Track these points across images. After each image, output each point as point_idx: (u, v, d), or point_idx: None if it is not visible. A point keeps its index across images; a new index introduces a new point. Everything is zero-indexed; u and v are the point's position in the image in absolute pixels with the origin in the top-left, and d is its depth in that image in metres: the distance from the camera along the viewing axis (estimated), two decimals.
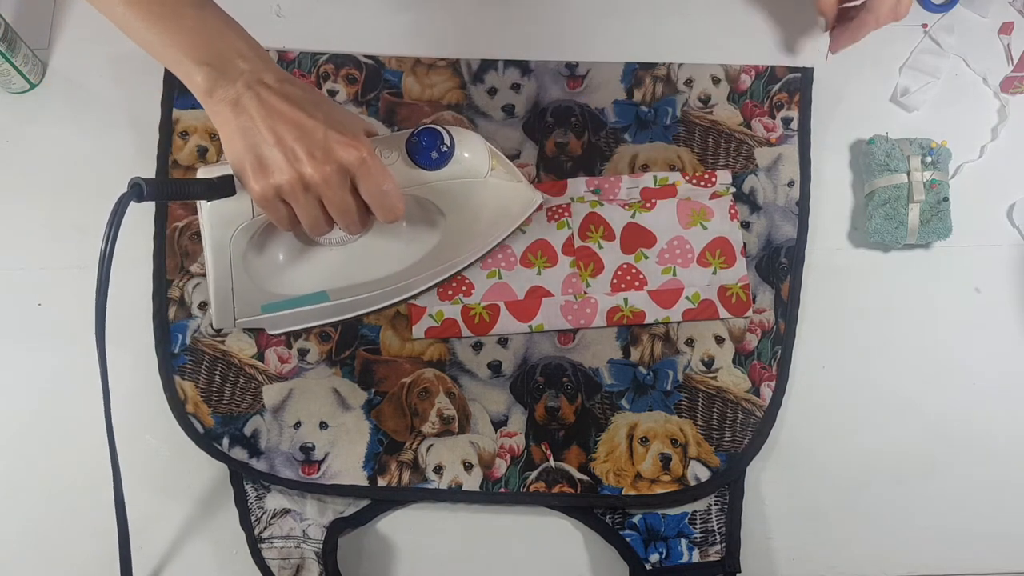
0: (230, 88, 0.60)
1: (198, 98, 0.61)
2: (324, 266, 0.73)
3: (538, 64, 0.84)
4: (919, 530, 0.75)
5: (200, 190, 0.62)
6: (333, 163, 0.59)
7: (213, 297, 0.71)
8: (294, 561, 0.71)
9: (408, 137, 0.65)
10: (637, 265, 0.78)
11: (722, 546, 0.73)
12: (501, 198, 0.72)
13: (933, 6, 0.87)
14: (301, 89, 0.61)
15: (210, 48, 0.61)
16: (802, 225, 0.80)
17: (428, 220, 0.72)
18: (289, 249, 0.72)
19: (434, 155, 0.64)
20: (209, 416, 0.75)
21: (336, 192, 0.61)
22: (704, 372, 0.77)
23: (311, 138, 0.59)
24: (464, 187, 0.68)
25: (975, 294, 0.80)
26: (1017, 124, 0.83)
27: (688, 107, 0.83)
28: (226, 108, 0.60)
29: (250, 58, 0.61)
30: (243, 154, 0.60)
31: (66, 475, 0.75)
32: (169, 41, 0.61)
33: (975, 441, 0.76)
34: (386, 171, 0.62)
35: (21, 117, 0.83)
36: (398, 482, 0.74)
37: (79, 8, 0.86)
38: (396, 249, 0.73)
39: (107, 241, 0.58)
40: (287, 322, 0.75)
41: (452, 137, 0.65)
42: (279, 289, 0.72)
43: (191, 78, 0.61)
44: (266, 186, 0.60)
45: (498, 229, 0.75)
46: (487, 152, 0.68)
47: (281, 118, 0.59)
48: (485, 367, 0.77)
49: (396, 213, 0.63)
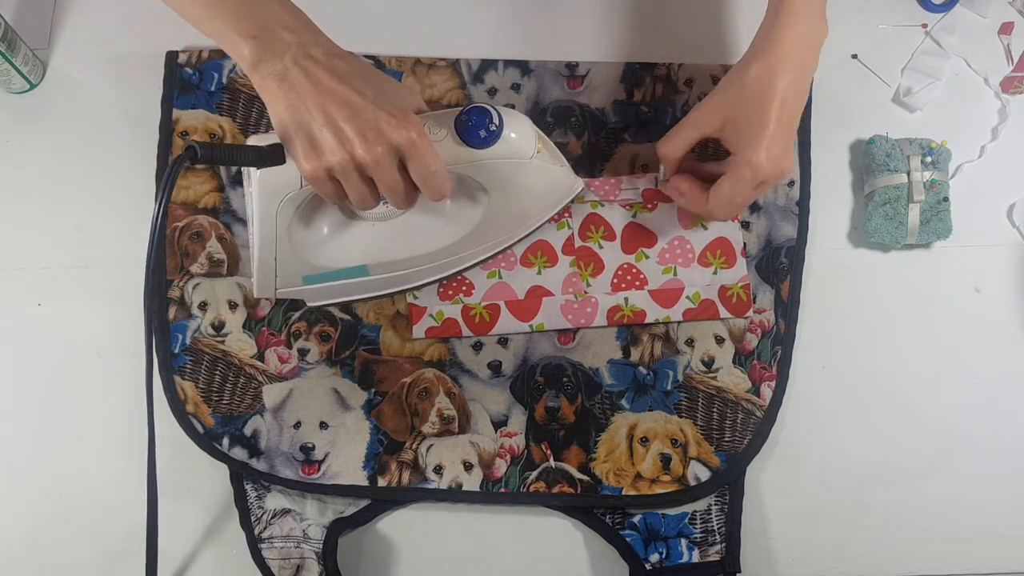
0: (277, 62, 0.59)
1: (245, 71, 0.61)
2: (366, 240, 0.73)
3: (538, 64, 0.84)
4: (919, 530, 0.75)
5: (251, 157, 0.62)
6: (383, 144, 0.59)
7: (256, 265, 0.71)
8: (294, 561, 0.71)
9: (457, 115, 0.65)
10: (638, 265, 0.78)
11: (722, 546, 0.73)
12: (544, 181, 0.72)
13: (933, 6, 0.87)
14: (349, 63, 0.61)
15: (256, 21, 0.60)
16: (802, 225, 0.80)
17: (471, 199, 0.72)
18: (333, 221, 0.72)
19: (482, 133, 0.64)
20: (209, 416, 0.75)
21: (386, 172, 0.61)
22: (704, 372, 0.77)
23: (361, 118, 0.59)
24: (509, 167, 0.68)
25: (975, 294, 0.80)
26: (1017, 124, 0.83)
27: (688, 107, 0.83)
28: (273, 82, 0.60)
29: (296, 30, 0.61)
30: (293, 132, 0.60)
31: (66, 475, 0.75)
32: (215, 14, 0.61)
33: (975, 441, 0.76)
34: (435, 151, 0.61)
35: (21, 117, 0.83)
36: (398, 482, 0.74)
37: (79, 8, 0.86)
38: (438, 227, 0.73)
39: (160, 203, 0.57)
40: (326, 294, 0.75)
41: (501, 116, 0.65)
42: (321, 261, 0.72)
43: (237, 51, 0.61)
44: (317, 166, 0.60)
45: (539, 212, 0.75)
46: (534, 134, 0.68)
47: (330, 96, 0.59)
48: (485, 367, 0.77)
49: (443, 192, 0.63)
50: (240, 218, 0.79)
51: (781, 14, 0.69)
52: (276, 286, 0.73)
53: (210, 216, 0.79)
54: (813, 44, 0.70)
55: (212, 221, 0.79)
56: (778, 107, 0.68)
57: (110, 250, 0.79)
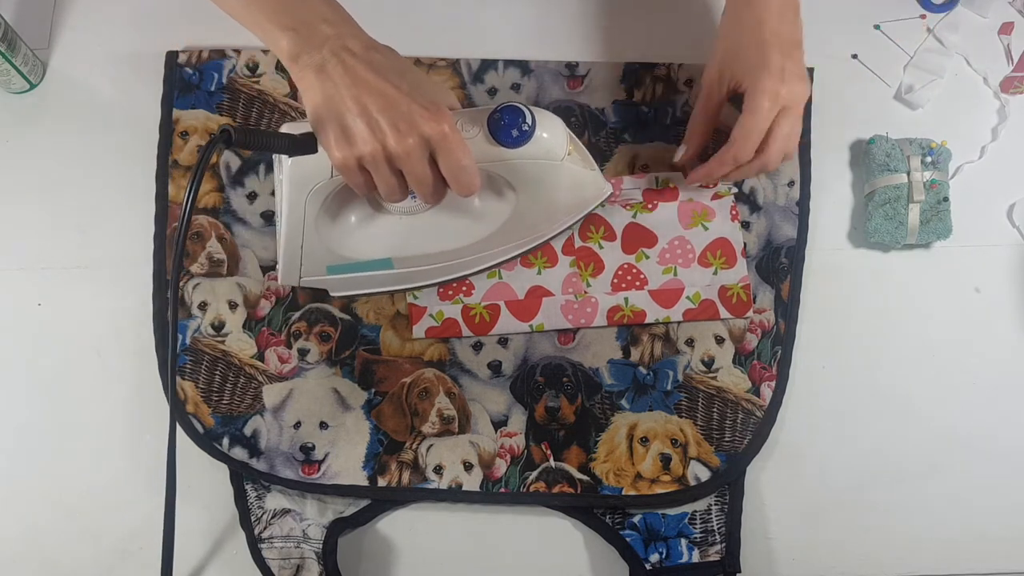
0: (315, 54, 0.60)
1: (283, 63, 0.62)
2: (392, 234, 0.73)
3: (538, 64, 0.84)
4: (919, 530, 0.75)
5: (284, 144, 0.62)
6: (415, 136, 0.60)
7: (283, 252, 0.71)
8: (294, 561, 0.71)
9: (490, 113, 0.64)
10: (638, 265, 0.78)
11: (722, 546, 0.73)
12: (574, 183, 0.71)
13: (933, 6, 0.87)
14: (386, 56, 0.61)
15: (294, 13, 0.61)
16: (802, 225, 0.80)
17: (500, 198, 0.72)
18: (361, 213, 0.72)
19: (515, 133, 0.64)
20: (209, 416, 0.75)
21: (416, 164, 0.61)
22: (704, 372, 0.77)
23: (395, 110, 0.59)
24: (540, 168, 0.68)
25: (975, 294, 0.80)
26: (1017, 124, 0.83)
27: (688, 107, 0.83)
28: (311, 73, 0.60)
29: (335, 22, 0.61)
30: (327, 121, 0.60)
31: (66, 475, 0.75)
32: (255, 8, 0.62)
33: (975, 441, 0.76)
34: (466, 146, 0.62)
35: (21, 117, 0.83)
36: (398, 482, 0.74)
37: (79, 8, 0.86)
38: (464, 225, 0.73)
39: (192, 184, 0.57)
40: (349, 286, 0.75)
41: (534, 117, 0.65)
42: (346, 252, 0.72)
43: (276, 43, 0.61)
44: (348, 155, 0.60)
45: (566, 214, 0.75)
46: (566, 135, 0.68)
47: (366, 87, 0.59)
48: (485, 367, 0.77)
49: (472, 188, 0.63)
50: (240, 218, 0.79)
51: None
52: (301, 274, 0.73)
53: (210, 216, 0.79)
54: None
55: (212, 221, 0.79)
56: (771, 36, 0.69)
57: (110, 250, 0.79)
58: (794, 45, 0.71)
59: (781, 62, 0.69)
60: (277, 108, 0.82)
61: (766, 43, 0.70)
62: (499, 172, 0.67)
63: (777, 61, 0.69)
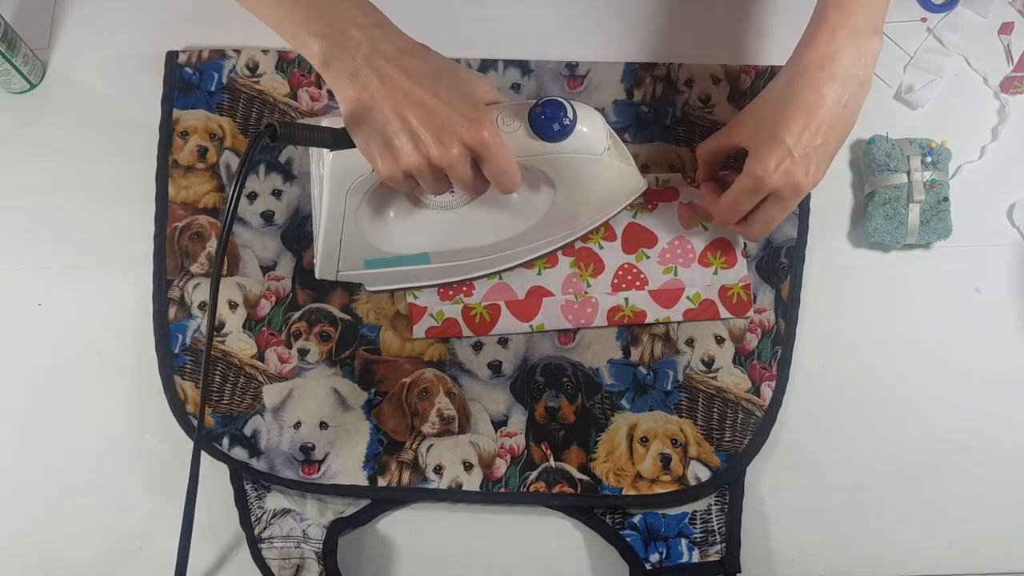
0: (348, 60, 0.59)
1: (316, 69, 0.61)
2: (429, 228, 0.73)
3: (538, 64, 0.84)
4: (919, 530, 0.75)
5: (327, 139, 0.62)
6: (458, 146, 0.60)
7: (321, 246, 0.71)
8: (294, 561, 0.71)
9: (532, 107, 0.64)
10: (638, 265, 0.78)
11: (722, 546, 0.73)
12: (611, 178, 0.71)
13: (933, 6, 0.87)
14: (421, 59, 0.61)
15: (325, 19, 0.60)
16: (802, 225, 0.80)
17: (537, 193, 0.72)
18: (399, 207, 0.72)
19: (556, 127, 0.64)
20: (209, 416, 0.75)
21: (460, 170, 0.61)
22: (704, 372, 0.77)
23: (436, 121, 0.59)
24: (580, 163, 0.68)
25: (975, 294, 0.80)
26: (1017, 124, 0.83)
27: (688, 107, 0.83)
28: (345, 80, 0.60)
29: (366, 27, 0.60)
30: (368, 136, 0.60)
31: (66, 475, 0.75)
32: (284, 13, 0.61)
33: (975, 441, 0.76)
34: (506, 149, 0.62)
35: (21, 117, 0.83)
36: (398, 482, 0.74)
37: (79, 8, 0.86)
38: (502, 219, 0.73)
39: (238, 178, 0.56)
40: (385, 280, 0.75)
41: (575, 111, 0.65)
42: (384, 246, 0.72)
43: (308, 49, 0.61)
44: (395, 169, 0.61)
45: (603, 209, 0.75)
46: (605, 130, 0.68)
47: (403, 97, 0.59)
48: (485, 367, 0.77)
49: (513, 187, 0.63)
50: (240, 218, 0.79)
51: (816, 18, 0.67)
52: (338, 268, 0.73)
53: (210, 216, 0.79)
54: (856, 57, 0.65)
55: (212, 221, 0.79)
56: (800, 128, 0.65)
57: (110, 250, 0.79)
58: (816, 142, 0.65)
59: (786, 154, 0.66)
60: (277, 108, 0.82)
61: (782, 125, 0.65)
62: (539, 166, 0.67)
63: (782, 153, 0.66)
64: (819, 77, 0.65)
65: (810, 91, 0.66)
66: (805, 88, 0.66)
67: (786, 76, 0.68)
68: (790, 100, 0.66)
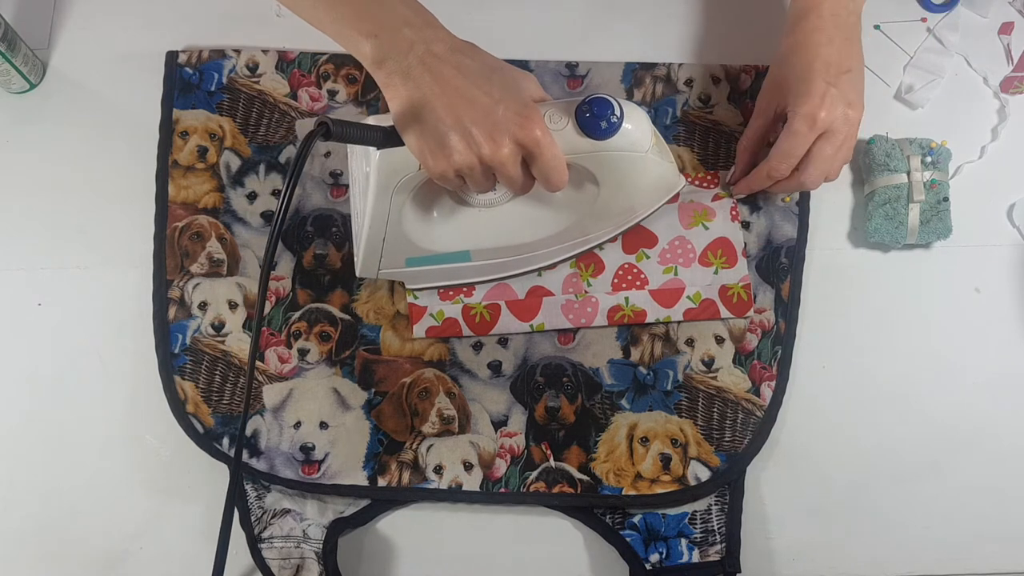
0: (401, 60, 0.60)
1: (368, 69, 0.61)
2: (472, 226, 0.73)
3: (538, 64, 0.84)
4: (919, 530, 0.75)
5: (377, 137, 0.62)
6: (510, 145, 0.60)
7: (364, 244, 0.71)
8: (294, 561, 0.71)
9: (579, 104, 0.64)
10: (638, 265, 0.78)
11: (722, 546, 0.73)
12: (654, 175, 0.72)
13: (933, 6, 0.87)
14: (472, 58, 0.61)
15: (376, 19, 0.60)
16: (802, 225, 0.80)
17: (580, 190, 0.72)
18: (442, 206, 0.73)
19: (603, 125, 0.64)
20: (209, 416, 0.75)
21: (510, 169, 0.61)
22: (704, 372, 0.77)
23: (488, 119, 0.59)
24: (625, 160, 0.68)
25: (975, 294, 0.80)
26: (1017, 124, 0.83)
27: (688, 107, 0.83)
28: (397, 80, 0.60)
29: (418, 26, 0.61)
30: (420, 135, 0.60)
31: (66, 475, 0.75)
32: (335, 15, 0.62)
33: (975, 441, 0.76)
34: (556, 147, 0.62)
35: (21, 117, 0.83)
36: (398, 482, 0.74)
37: (79, 8, 0.86)
38: (544, 216, 0.73)
39: (290, 179, 0.55)
40: (426, 278, 0.75)
41: (622, 108, 0.65)
42: (426, 244, 0.72)
43: (359, 50, 0.61)
44: (446, 167, 0.61)
45: (643, 207, 0.75)
46: (650, 128, 0.68)
47: (456, 95, 0.59)
48: (485, 367, 0.77)
49: (561, 184, 0.64)
50: (240, 218, 0.79)
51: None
52: (379, 267, 0.73)
53: (210, 216, 0.79)
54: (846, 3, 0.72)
55: (212, 221, 0.79)
56: (818, 62, 0.70)
57: (110, 250, 0.79)
58: (842, 70, 0.71)
59: (824, 87, 0.70)
60: (277, 108, 0.82)
61: (811, 68, 0.71)
62: (584, 164, 0.67)
63: (820, 87, 0.70)
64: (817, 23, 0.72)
65: (816, 33, 0.72)
66: (810, 32, 0.72)
67: (788, 36, 0.74)
68: (803, 47, 0.72)
